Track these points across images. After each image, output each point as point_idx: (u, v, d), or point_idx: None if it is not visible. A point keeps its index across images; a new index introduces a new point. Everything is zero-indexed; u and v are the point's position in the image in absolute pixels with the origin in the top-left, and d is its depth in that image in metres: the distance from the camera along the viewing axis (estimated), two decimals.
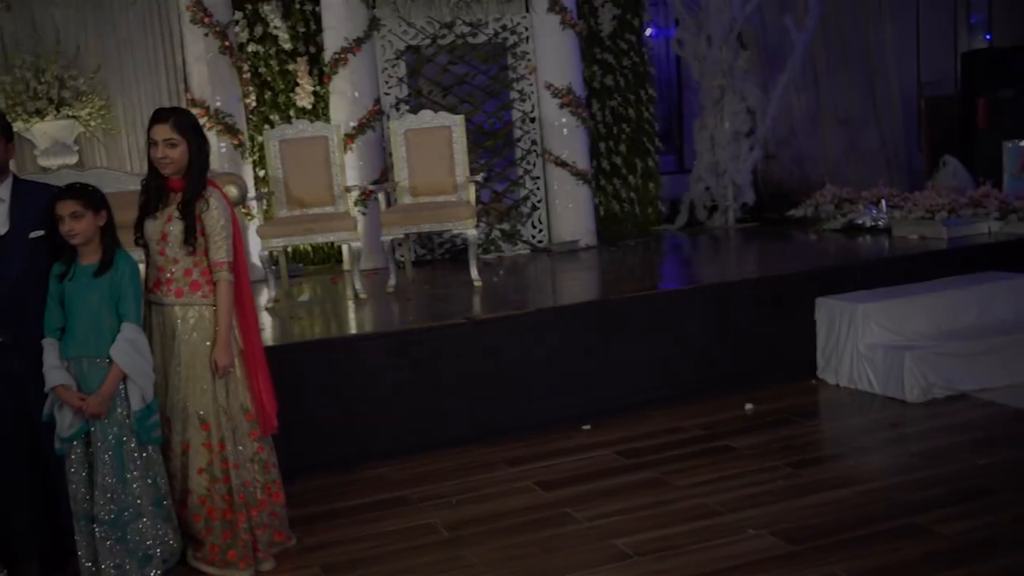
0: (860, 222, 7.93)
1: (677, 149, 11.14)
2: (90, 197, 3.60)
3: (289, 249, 7.54)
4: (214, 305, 3.75)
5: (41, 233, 3.72)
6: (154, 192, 3.78)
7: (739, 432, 5.10)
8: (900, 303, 5.81)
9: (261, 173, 7.92)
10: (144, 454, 3.66)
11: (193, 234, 3.70)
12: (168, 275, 3.76)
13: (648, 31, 9.46)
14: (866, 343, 5.65)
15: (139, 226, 3.80)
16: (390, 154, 7.68)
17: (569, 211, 8.29)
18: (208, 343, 3.73)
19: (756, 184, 9.30)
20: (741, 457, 4.72)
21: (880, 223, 7.75)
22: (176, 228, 3.72)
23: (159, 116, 3.74)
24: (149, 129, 3.74)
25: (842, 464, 4.58)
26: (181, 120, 3.73)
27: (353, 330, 5.72)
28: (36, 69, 7.06)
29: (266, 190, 7.27)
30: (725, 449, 4.85)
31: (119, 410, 3.61)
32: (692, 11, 9.00)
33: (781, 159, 10.01)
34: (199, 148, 3.75)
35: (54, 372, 3.57)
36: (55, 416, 3.60)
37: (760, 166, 9.49)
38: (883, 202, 7.92)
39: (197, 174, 3.74)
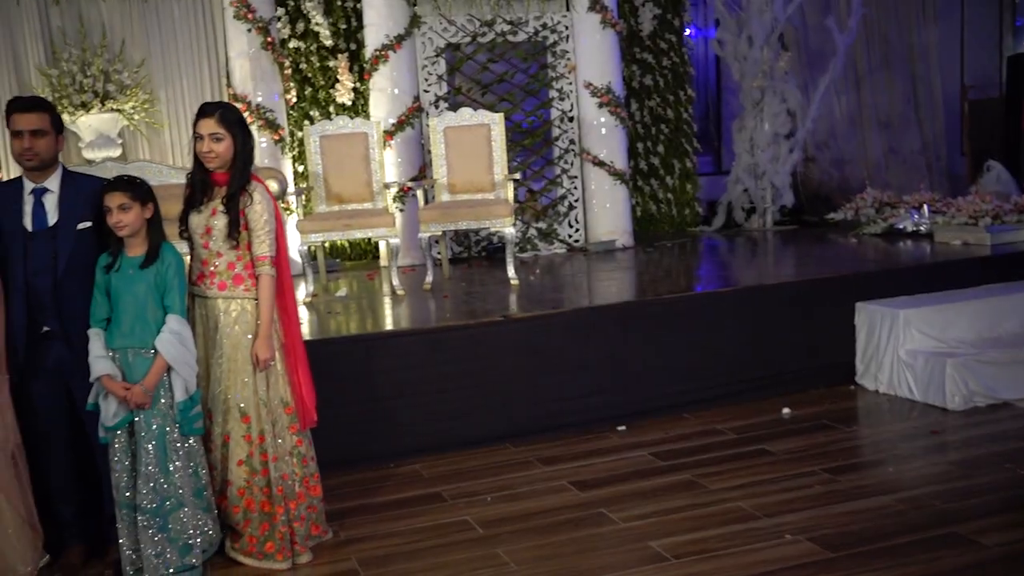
0: (901, 227, 7.84)
1: (715, 150, 11.08)
2: (138, 189, 3.65)
3: (327, 244, 7.58)
4: (256, 299, 3.78)
5: (88, 224, 3.78)
6: (199, 185, 3.82)
7: (776, 436, 5.06)
8: (942, 309, 5.73)
9: (300, 168, 7.99)
10: (186, 445, 3.70)
11: (237, 228, 3.73)
12: (212, 268, 3.79)
13: (688, 31, 9.42)
14: (907, 349, 5.58)
15: (184, 219, 3.84)
16: (428, 151, 7.71)
17: (606, 211, 8.27)
18: (250, 336, 3.77)
19: (795, 186, 9.23)
20: (778, 461, 4.68)
21: (922, 228, 7.65)
22: (220, 222, 3.75)
23: (205, 110, 3.78)
24: (195, 123, 3.78)
25: (881, 471, 4.52)
26: (227, 115, 3.77)
27: (390, 326, 5.74)
28: (82, 63, 7.17)
29: (305, 185, 7.32)
30: (761, 453, 4.82)
31: (163, 400, 3.65)
32: (733, 11, 8.95)
33: (820, 161, 9.93)
34: (244, 143, 3.78)
35: (100, 362, 3.62)
36: (100, 405, 3.65)
37: (799, 168, 9.42)
38: (925, 207, 7.83)
39: (241, 168, 3.77)
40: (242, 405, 3.77)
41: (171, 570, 3.65)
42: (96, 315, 3.68)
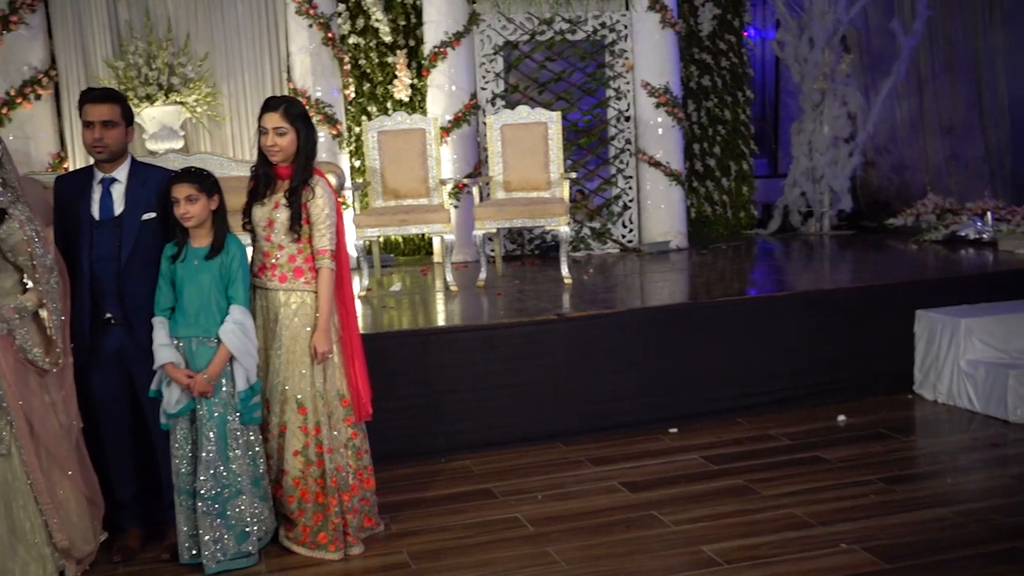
0: (963, 234, 7.69)
1: (772, 153, 10.96)
2: (205, 181, 3.71)
3: (381, 239, 7.64)
4: (316, 291, 3.82)
5: (153, 215, 3.85)
6: (262, 178, 3.87)
7: (830, 444, 4.99)
8: (1005, 319, 5.61)
9: (356, 163, 8.06)
10: (246, 434, 3.77)
11: (298, 222, 3.77)
12: (273, 260, 3.84)
13: (747, 32, 9.33)
14: (968, 359, 5.47)
15: (247, 211, 3.89)
16: (484, 149, 7.73)
17: (661, 212, 8.22)
18: (308, 328, 3.81)
19: (854, 191, 9.09)
20: (832, 469, 4.62)
21: (985, 236, 7.50)
22: (282, 215, 3.79)
23: (270, 104, 3.82)
24: (260, 117, 3.83)
25: (939, 482, 4.44)
26: (291, 109, 3.80)
27: (443, 322, 5.76)
28: (148, 56, 7.30)
29: (361, 180, 7.39)
30: (815, 460, 4.76)
31: (224, 389, 3.72)
32: (795, 13, 8.84)
33: (880, 166, 9.76)
34: (307, 137, 3.82)
35: (164, 350, 3.69)
36: (163, 392, 3.72)
37: (859, 172, 9.28)
38: (989, 214, 7.67)
39: (304, 162, 3.81)
40: (299, 396, 3.82)
41: (228, 556, 3.72)
42: (160, 304, 3.75)
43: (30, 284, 3.68)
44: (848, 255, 7.75)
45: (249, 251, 3.90)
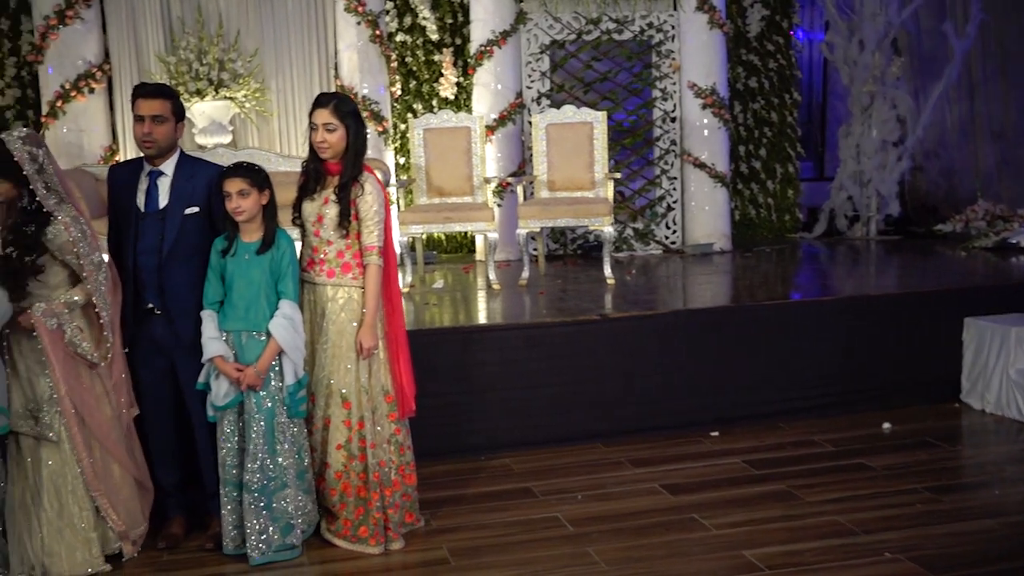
0: (1014, 241, 7.56)
1: (818, 156, 10.86)
2: (256, 176, 3.75)
3: (424, 236, 7.67)
4: (363, 287, 3.84)
5: (196, 210, 3.88)
6: (312, 174, 3.90)
7: (875, 451, 4.93)
8: None
9: (401, 160, 8.10)
10: (292, 427, 3.80)
11: (347, 218, 3.80)
12: (321, 255, 3.87)
13: (796, 34, 9.24)
14: (1017, 368, 5.38)
15: (297, 206, 3.92)
16: (529, 148, 7.74)
17: (705, 213, 8.17)
18: (355, 324, 3.84)
19: (902, 195, 8.98)
20: (877, 477, 4.56)
21: None
22: (332, 211, 3.82)
23: (320, 101, 3.85)
24: (311, 113, 3.86)
25: (987, 493, 4.37)
26: (341, 106, 3.83)
27: (485, 320, 5.78)
28: (199, 51, 7.40)
29: (406, 177, 7.43)
30: (860, 467, 4.71)
31: (273, 383, 3.75)
32: (844, 15, 8.74)
33: (929, 171, 9.63)
34: (356, 133, 3.84)
35: (213, 343, 3.73)
36: (211, 385, 3.76)
37: (907, 177, 9.15)
38: None
39: (353, 159, 3.83)
40: (344, 391, 3.85)
41: (273, 548, 3.76)
42: (209, 297, 3.79)
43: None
44: (895, 260, 7.65)
45: (298, 245, 3.94)
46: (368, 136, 7.47)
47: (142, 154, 3.96)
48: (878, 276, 7.22)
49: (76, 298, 3.69)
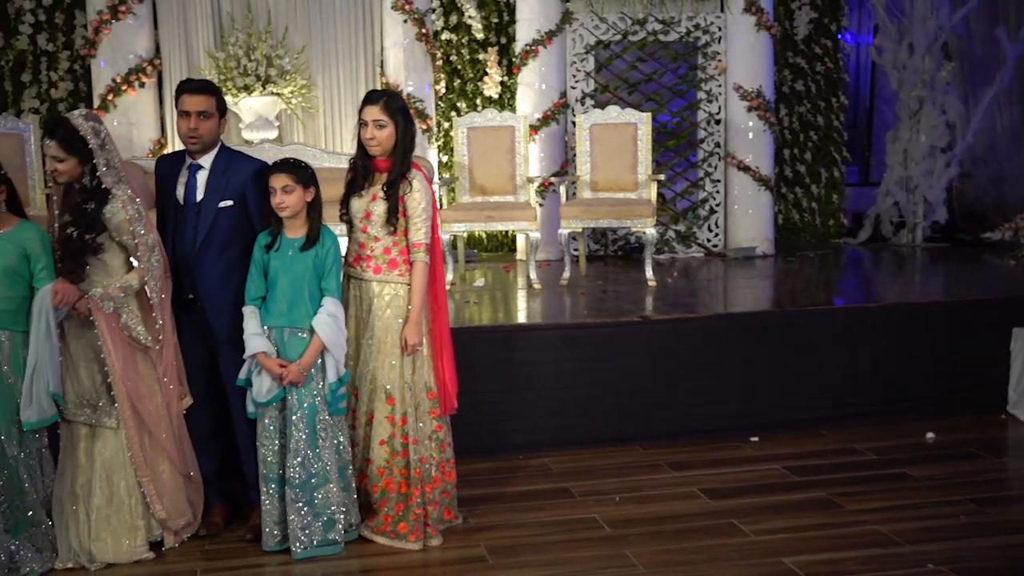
0: None
1: (864, 160, 10.73)
2: (301, 173, 3.76)
3: (466, 234, 7.70)
4: (409, 284, 3.86)
5: (230, 203, 3.91)
6: (361, 171, 3.92)
7: (918, 461, 4.87)
8: None
9: (444, 158, 8.13)
10: (333, 424, 3.82)
11: (395, 215, 3.82)
12: (368, 252, 3.90)
13: (844, 37, 9.14)
14: None
15: (345, 202, 3.95)
16: (572, 148, 7.74)
17: (748, 217, 8.12)
18: (400, 320, 3.86)
19: (949, 202, 8.84)
20: (920, 487, 4.51)
21: None
22: (379, 208, 3.84)
23: (371, 97, 3.87)
24: (360, 109, 3.89)
25: None
26: (391, 103, 3.84)
27: (525, 319, 5.78)
28: (247, 47, 7.47)
29: (448, 175, 7.46)
30: (902, 477, 4.65)
31: (314, 380, 3.76)
32: (894, 18, 8.63)
33: (978, 178, 9.46)
34: (405, 131, 3.85)
35: (255, 339, 3.75)
36: (252, 381, 3.79)
37: (955, 184, 9.01)
38: None
39: (401, 156, 3.84)
40: (388, 387, 3.87)
41: (315, 543, 3.77)
42: (251, 293, 3.81)
43: (136, 264, 3.81)
44: (941, 268, 7.54)
45: (343, 241, 3.96)
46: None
47: (189, 148, 3.98)
48: (923, 283, 7.13)
49: (132, 283, 3.76)
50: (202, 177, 3.93)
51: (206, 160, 3.95)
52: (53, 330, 3.61)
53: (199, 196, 3.91)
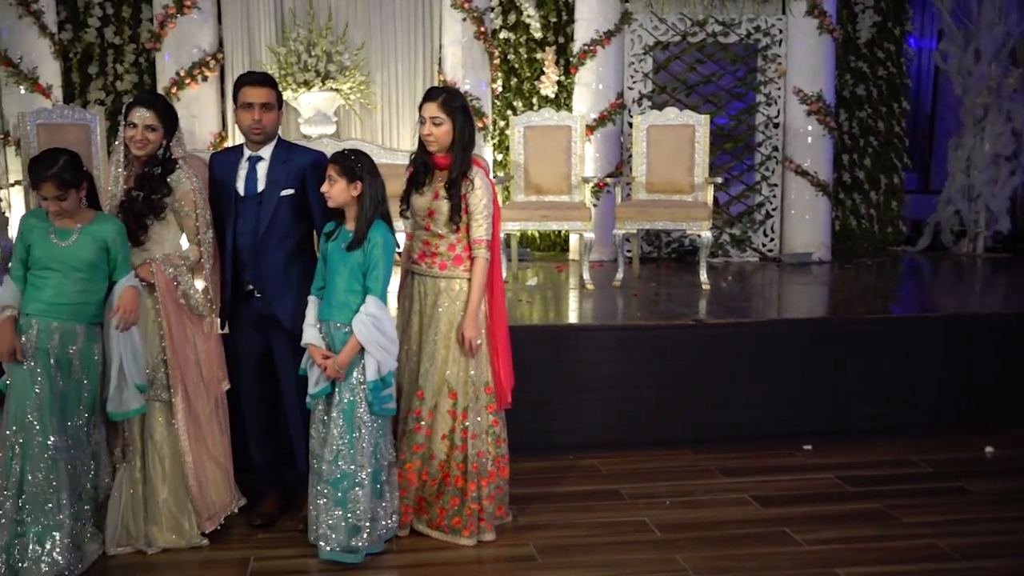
0: None
1: (924, 167, 10.55)
2: (347, 166, 3.71)
3: (519, 233, 7.71)
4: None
5: (291, 192, 3.96)
6: (420, 167, 3.94)
7: (976, 475, 4.77)
8: None
9: (499, 157, 8.15)
10: (373, 424, 3.75)
11: (459, 213, 3.84)
12: (433, 249, 3.92)
13: (907, 42, 8.99)
14: None
15: (406, 199, 3.97)
16: (627, 148, 7.71)
17: (805, 222, 8.02)
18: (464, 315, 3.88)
19: (1013, 212, 8.66)
20: (978, 502, 4.42)
21: None
22: (443, 206, 3.86)
23: (430, 95, 3.89)
24: (420, 106, 3.91)
25: None
26: (449, 100, 3.85)
27: (577, 319, 5.78)
28: (308, 43, 7.56)
29: (503, 174, 7.47)
30: (959, 491, 4.56)
31: (354, 377, 3.73)
32: (960, 23, 8.47)
33: None
34: (462, 128, 3.85)
35: (309, 330, 3.79)
36: (308, 372, 3.82)
37: (1019, 193, 8.82)
38: None
39: (461, 153, 3.85)
40: (451, 381, 3.88)
41: (337, 548, 3.71)
42: (316, 283, 3.85)
43: (185, 245, 3.93)
44: (1003, 279, 7.39)
45: (401, 237, 3.98)
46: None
47: (250, 140, 4.02)
48: (984, 294, 7.00)
49: (190, 254, 3.89)
50: (262, 168, 3.98)
51: (265, 151, 4.00)
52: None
53: (260, 186, 3.97)
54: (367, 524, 3.72)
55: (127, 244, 3.73)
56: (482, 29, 7.68)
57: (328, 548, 3.73)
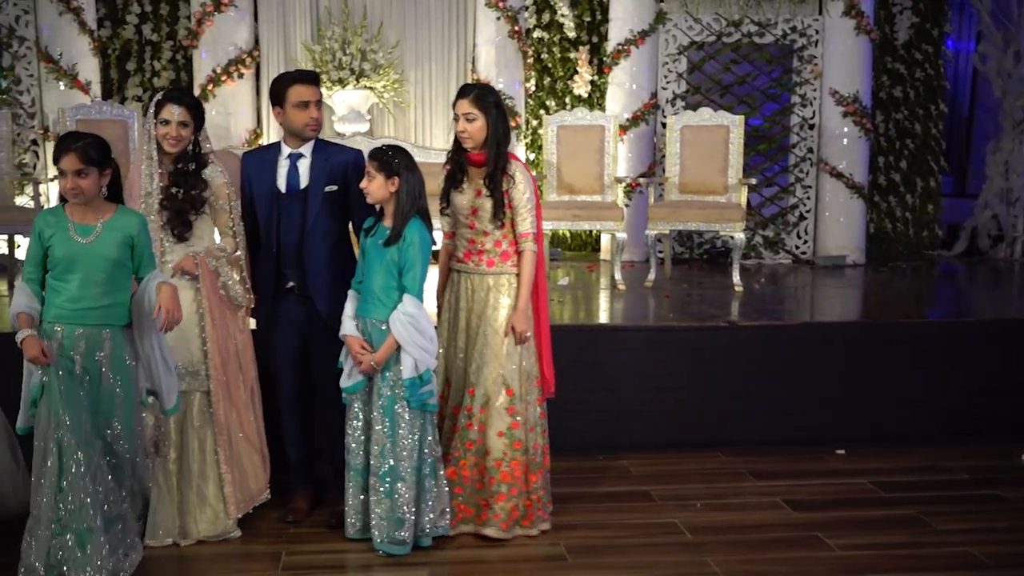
0: None
1: (961, 171, 10.42)
2: (383, 161, 3.71)
3: (550, 233, 7.71)
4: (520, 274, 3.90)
5: (335, 188, 3.99)
6: (456, 164, 3.94)
7: (1012, 483, 4.71)
8: None
9: (532, 156, 8.14)
10: (414, 419, 3.75)
11: (502, 209, 3.84)
12: (479, 247, 3.93)
13: (946, 43, 8.89)
14: None
15: (445, 197, 3.97)
16: (660, 149, 7.68)
17: (839, 225, 7.95)
18: (515, 310, 3.89)
19: None
20: (1015, 510, 4.36)
21: None
22: (487, 204, 3.86)
23: (462, 91, 3.90)
24: (454, 104, 3.92)
25: None
26: (481, 96, 3.85)
27: (608, 319, 5.77)
28: (343, 41, 7.60)
29: (536, 173, 7.47)
30: (995, 499, 4.51)
31: (390, 372, 3.74)
32: (1000, 25, 8.36)
33: None
34: (495, 124, 3.84)
35: (347, 322, 3.80)
36: (343, 364, 3.84)
37: None
38: None
39: (496, 149, 3.84)
40: (507, 377, 3.88)
41: (384, 539, 3.75)
42: (356, 277, 3.85)
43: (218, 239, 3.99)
44: None
45: (438, 235, 3.98)
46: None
47: (301, 138, 4.02)
48: (1021, 299, 6.90)
49: (227, 246, 3.93)
50: (304, 165, 4.00)
51: (306, 149, 4.02)
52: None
53: (303, 183, 3.98)
54: (410, 516, 3.75)
55: (151, 238, 3.57)
56: (516, 28, 7.68)
57: (379, 540, 3.77)
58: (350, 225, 4.13)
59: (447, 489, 3.86)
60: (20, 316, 3.38)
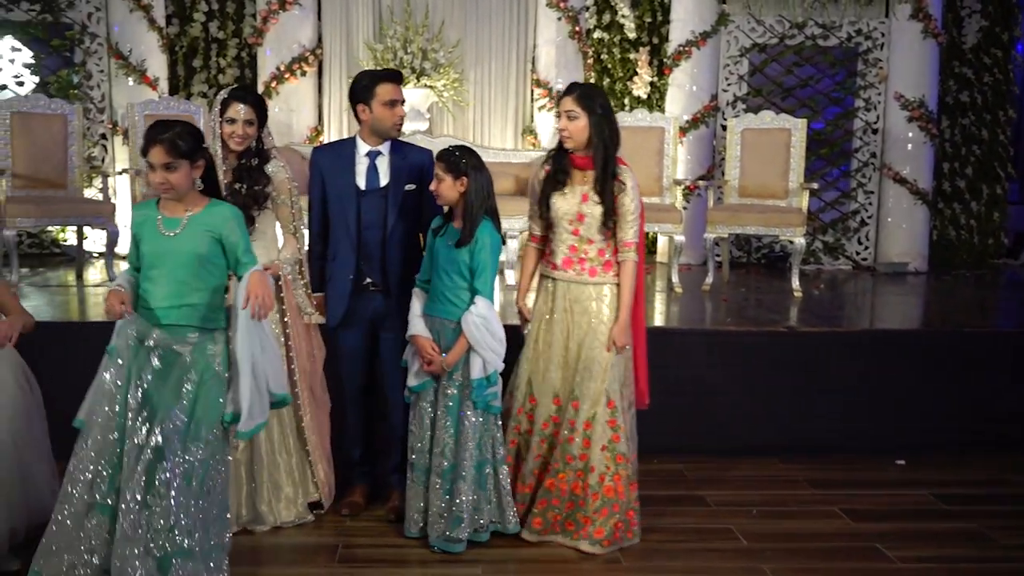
0: None
1: None
2: (450, 162, 3.69)
3: None
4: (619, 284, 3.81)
5: (413, 187, 3.99)
6: (559, 166, 3.82)
7: None
8: None
9: None
10: (478, 420, 3.76)
11: (611, 217, 3.73)
12: (582, 255, 3.82)
13: (1016, 47, 8.69)
14: None
15: (544, 200, 3.84)
16: (719, 152, 7.62)
17: (901, 231, 7.83)
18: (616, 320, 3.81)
19: None
20: None
21: None
22: (595, 211, 3.74)
23: (567, 89, 3.80)
24: (557, 102, 3.89)
25: None
26: (586, 95, 3.73)
27: (664, 323, 5.74)
28: (405, 40, 7.66)
29: None
30: None
31: (458, 373, 3.75)
32: None
33: None
34: (599, 124, 3.69)
35: (416, 321, 3.79)
36: (408, 363, 3.86)
37: None
38: None
39: (602, 152, 3.71)
40: (609, 390, 3.80)
41: (440, 536, 3.77)
42: (422, 275, 3.85)
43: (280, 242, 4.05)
44: None
45: (512, 242, 3.95)
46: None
47: (387, 137, 4.01)
48: None
49: (294, 254, 4.00)
50: (383, 163, 3.99)
51: (384, 147, 4.01)
52: (267, 321, 3.21)
53: (383, 181, 3.98)
54: (466, 516, 3.75)
55: (247, 233, 3.28)
56: (576, 29, 7.68)
57: (434, 536, 3.79)
58: None
59: (509, 489, 3.85)
60: (110, 292, 3.16)
